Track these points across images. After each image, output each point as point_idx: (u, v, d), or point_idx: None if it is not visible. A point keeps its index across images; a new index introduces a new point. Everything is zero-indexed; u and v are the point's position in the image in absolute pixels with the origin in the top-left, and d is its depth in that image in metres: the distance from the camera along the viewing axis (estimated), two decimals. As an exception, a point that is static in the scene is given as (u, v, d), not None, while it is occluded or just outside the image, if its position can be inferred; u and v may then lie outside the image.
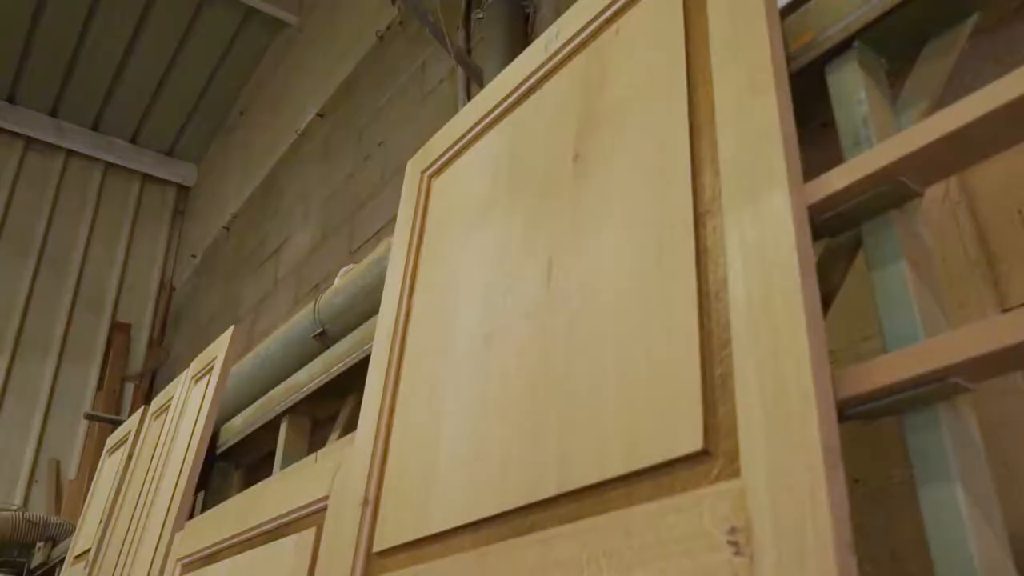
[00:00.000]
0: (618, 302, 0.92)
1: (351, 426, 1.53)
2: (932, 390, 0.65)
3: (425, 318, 1.30)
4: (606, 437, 0.84)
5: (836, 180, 0.75)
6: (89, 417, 4.27)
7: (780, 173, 0.77)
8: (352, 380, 1.75)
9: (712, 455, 0.73)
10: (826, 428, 0.63)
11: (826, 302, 0.84)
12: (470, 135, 1.43)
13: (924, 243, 0.77)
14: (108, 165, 6.48)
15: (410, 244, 1.44)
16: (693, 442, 0.74)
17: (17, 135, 6.14)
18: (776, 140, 0.79)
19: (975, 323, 0.61)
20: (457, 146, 1.46)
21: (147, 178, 6.64)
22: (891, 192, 0.74)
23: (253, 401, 2.37)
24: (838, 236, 0.83)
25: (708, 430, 0.74)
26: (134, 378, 5.76)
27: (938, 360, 0.62)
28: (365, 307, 2.07)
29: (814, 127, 1.15)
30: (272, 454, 2.09)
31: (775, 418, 0.67)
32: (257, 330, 4.22)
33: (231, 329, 2.27)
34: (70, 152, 6.32)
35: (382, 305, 1.42)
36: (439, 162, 1.50)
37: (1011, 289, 1.25)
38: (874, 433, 1.38)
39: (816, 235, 0.80)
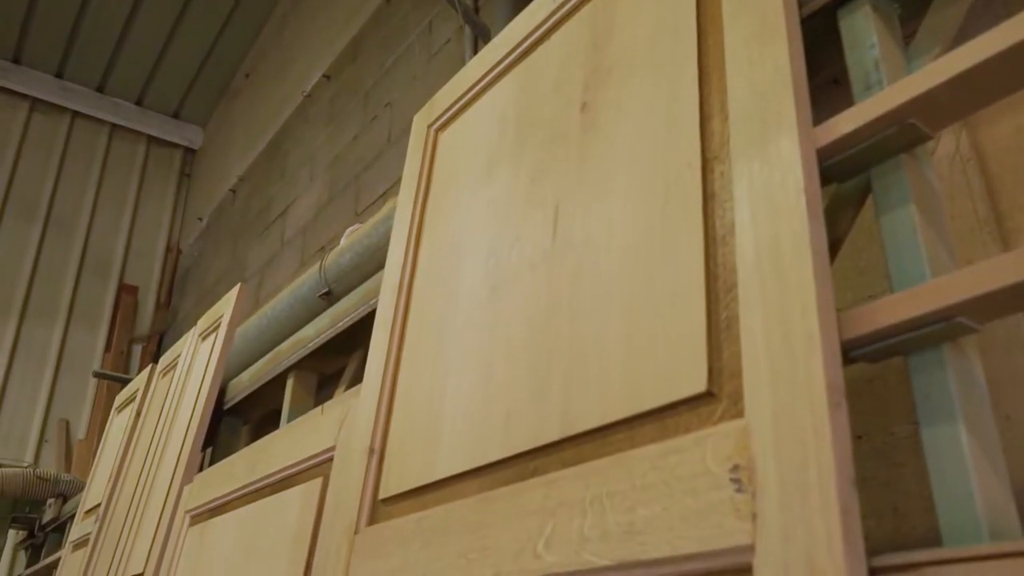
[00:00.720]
0: (624, 250, 0.92)
1: (357, 381, 1.53)
2: (937, 330, 0.64)
3: (431, 272, 1.30)
4: (610, 382, 0.84)
5: (846, 123, 0.75)
6: (98, 375, 4.31)
7: (790, 117, 0.76)
8: (358, 336, 1.76)
9: (716, 397, 0.73)
10: (830, 367, 0.63)
11: (833, 249, 0.84)
12: (477, 88, 1.42)
13: (933, 188, 0.77)
14: (114, 127, 6.46)
15: (416, 198, 1.44)
16: (697, 384, 0.74)
17: (22, 96, 6.11)
18: (786, 84, 0.78)
19: (981, 262, 0.60)
20: (464, 99, 1.45)
21: (153, 140, 6.62)
22: (901, 135, 0.73)
23: (259, 359, 2.38)
24: (847, 182, 0.83)
25: (712, 372, 0.74)
26: (141, 340, 5.80)
27: (943, 299, 0.62)
28: (371, 266, 2.07)
29: (825, 82, 1.14)
30: (279, 410, 2.11)
31: (780, 359, 0.67)
32: (263, 292, 4.23)
33: (238, 286, 2.28)
34: (76, 114, 6.30)
35: (388, 259, 1.42)
36: (445, 116, 1.49)
37: (1019, 246, 1.25)
38: (877, 390, 1.38)
39: (824, 180, 0.80)
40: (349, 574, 1.12)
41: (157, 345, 5.81)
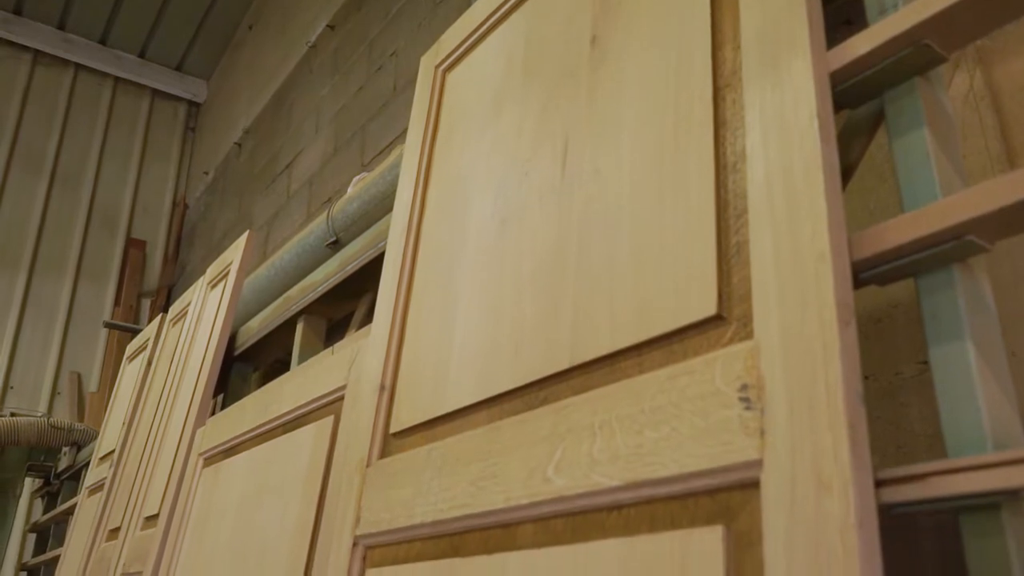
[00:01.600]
0: (634, 179, 0.92)
1: (366, 324, 1.55)
2: (948, 249, 0.65)
3: (440, 210, 1.30)
4: (619, 310, 0.85)
5: (859, 45, 0.74)
6: (108, 325, 4.34)
7: (803, 40, 0.76)
8: (367, 281, 1.77)
9: (725, 320, 0.74)
10: (841, 285, 0.64)
11: (845, 177, 0.83)
12: (485, 26, 1.41)
13: (947, 113, 0.76)
14: (117, 80, 6.41)
15: (424, 139, 1.43)
16: (707, 308, 0.75)
17: (25, 48, 6.06)
18: (800, 6, 0.77)
19: (992, 180, 0.60)
20: (471, 39, 1.44)
21: (157, 94, 6.58)
22: (915, 56, 0.73)
23: (268, 306, 2.40)
24: (860, 108, 0.82)
25: (722, 296, 0.75)
26: (150, 294, 5.83)
27: (954, 217, 0.62)
28: (379, 214, 2.07)
29: (837, 23, 1.12)
30: (289, 357, 2.13)
31: (790, 279, 0.67)
32: (271, 245, 4.24)
33: (246, 234, 2.28)
34: (79, 66, 6.25)
35: (396, 200, 1.42)
36: (453, 56, 1.48)
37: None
38: (884, 331, 1.39)
39: (838, 106, 0.79)
40: (362, 506, 1.14)
41: (166, 299, 5.85)
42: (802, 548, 0.58)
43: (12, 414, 3.75)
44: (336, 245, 2.27)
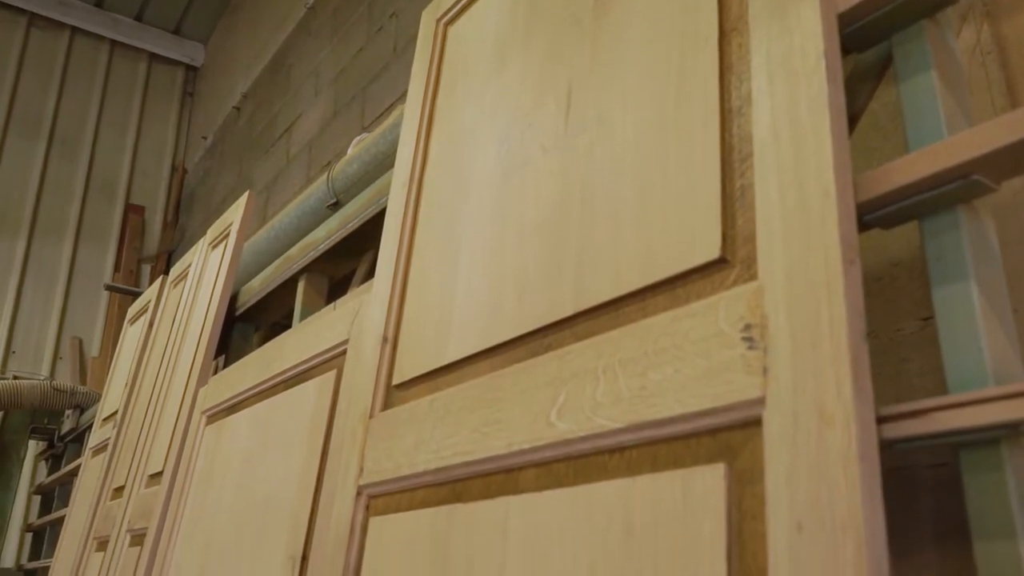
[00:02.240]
0: (638, 127, 0.91)
1: (368, 281, 1.55)
2: (953, 189, 0.64)
3: (441, 164, 1.30)
4: (623, 255, 0.85)
5: (868, -15, 0.73)
6: (109, 288, 4.35)
7: (811, -19, 0.75)
8: (368, 238, 1.77)
9: (729, 263, 0.74)
10: (845, 224, 0.64)
11: (850, 124, 0.83)
12: (487, -22, 1.39)
13: (955, 55, 0.75)
14: (114, 44, 6.34)
15: (425, 93, 1.42)
16: (710, 251, 0.75)
17: (21, 11, 5.99)
18: (808, -53, 0.76)
19: (998, 118, 0.60)
20: (473, -9, 1.42)
21: (154, 58, 6.51)
22: (924, -4, 0.72)
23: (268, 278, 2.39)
24: (866, 52, 0.81)
25: (726, 239, 0.75)
26: (150, 259, 5.82)
27: (959, 156, 0.61)
28: (379, 175, 2.06)
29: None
30: (290, 318, 2.13)
31: (795, 219, 0.67)
32: (271, 210, 4.23)
33: (247, 194, 2.27)
34: (75, 30, 6.18)
35: (398, 155, 1.42)
36: (454, 9, 1.46)
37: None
38: (886, 288, 1.39)
39: (845, 50, 0.79)
40: (365, 456, 1.15)
41: (165, 264, 5.84)
42: (804, 482, 0.59)
43: (14, 377, 3.77)
44: (336, 207, 2.26)
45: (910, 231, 1.39)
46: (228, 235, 2.29)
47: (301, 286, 1.91)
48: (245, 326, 2.28)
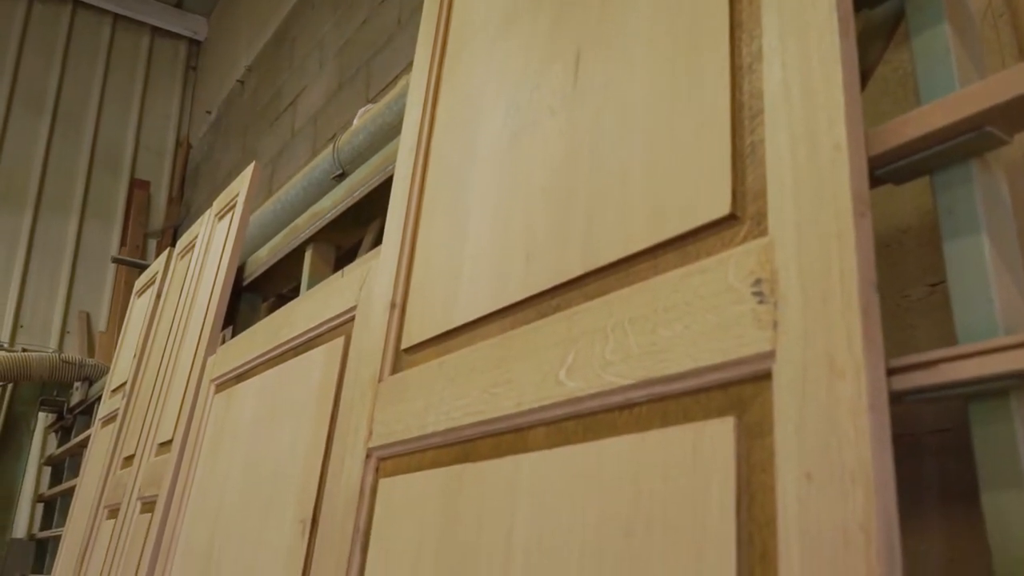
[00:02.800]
0: (647, 86, 0.91)
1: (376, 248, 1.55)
2: (965, 141, 0.64)
3: (449, 128, 1.29)
4: (632, 215, 0.85)
5: (882, -62, 0.72)
6: (116, 260, 4.37)
7: (823, -66, 0.74)
8: (375, 208, 1.77)
9: (739, 219, 0.74)
10: (857, 177, 0.63)
11: (862, 81, 0.82)
12: (494, -59, 1.37)
13: (967, 9, 0.75)
14: (117, 17, 6.31)
15: (432, 58, 1.41)
16: (720, 208, 0.75)
17: (22, -15, 5.96)
18: (821, -101, 0.75)
19: (1010, 69, 0.59)
20: (480, -46, 1.40)
21: (157, 31, 6.48)
22: (938, -52, 0.71)
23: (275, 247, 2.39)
24: (877, 8, 0.81)
25: (736, 196, 0.74)
26: (155, 235, 5.84)
27: (972, 107, 0.61)
28: (385, 145, 2.05)
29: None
30: (298, 288, 2.14)
31: (806, 173, 0.67)
32: (276, 183, 4.23)
33: (252, 164, 2.27)
34: (77, 3, 6.15)
35: (405, 120, 1.41)
36: (461, -27, 1.45)
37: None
38: (893, 255, 1.39)
39: (856, 6, 0.78)
40: (374, 419, 1.16)
41: (171, 239, 5.85)
42: (813, 433, 0.59)
43: (23, 349, 3.80)
44: (342, 178, 2.26)
45: (919, 196, 1.38)
46: (235, 205, 2.30)
47: (308, 256, 1.91)
48: (253, 296, 2.29)
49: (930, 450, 1.25)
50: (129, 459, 2.37)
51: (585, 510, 0.77)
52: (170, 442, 2.03)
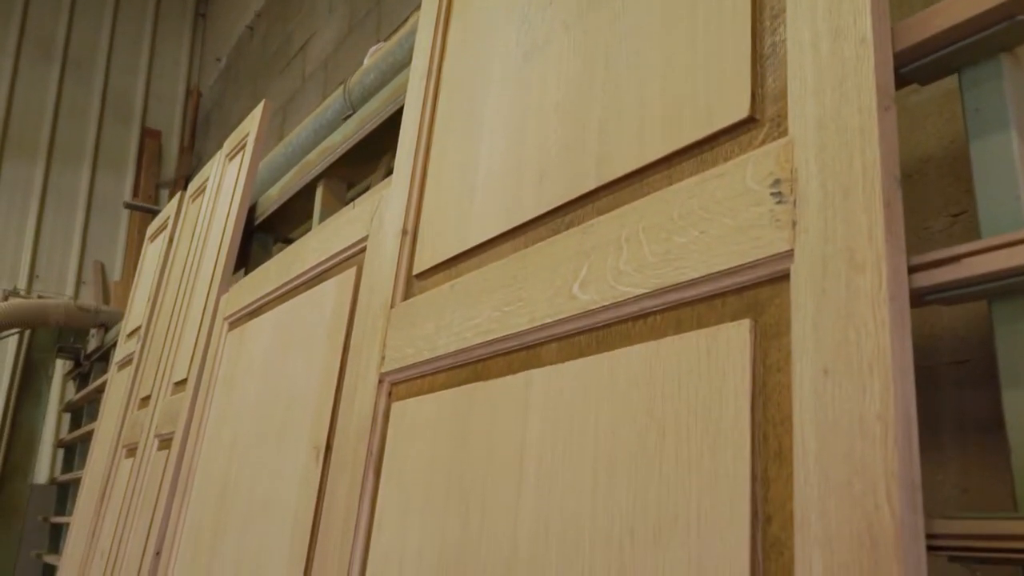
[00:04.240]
0: (665, -7, 0.88)
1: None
2: (996, 33, 0.62)
3: (460, 51, 1.27)
4: (648, 124, 0.83)
5: None
6: (129, 206, 4.37)
7: None
8: (386, 143, 1.74)
9: (759, 122, 0.72)
10: (882, 69, 0.61)
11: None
12: None
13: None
14: (124, -37, 6.23)
15: (443, -17, 1.38)
16: (739, 110, 0.73)
17: (28, -70, 5.88)
18: None
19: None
20: None
21: (165, -23, 6.40)
22: None
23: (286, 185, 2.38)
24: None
25: (755, 98, 0.72)
26: (167, 184, 5.83)
27: (1005, -7, 0.59)
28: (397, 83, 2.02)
29: None
30: (309, 228, 2.13)
31: (829, 71, 0.65)
32: (287, 131, 4.20)
33: (262, 103, 2.25)
34: (83, -52, 6.07)
35: (416, 45, 1.39)
36: None
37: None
38: (916, 187, 1.36)
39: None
40: (386, 345, 1.16)
41: (183, 188, 5.85)
42: (831, 327, 0.58)
43: (39, 297, 3.83)
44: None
45: (941, 127, 1.35)
46: (245, 145, 2.28)
47: (320, 192, 1.90)
48: (264, 236, 2.28)
49: (948, 381, 1.24)
50: (146, 399, 2.39)
51: (598, 420, 0.77)
52: (185, 381, 2.04)
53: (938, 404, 1.22)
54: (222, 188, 2.37)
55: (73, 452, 4.08)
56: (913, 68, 0.67)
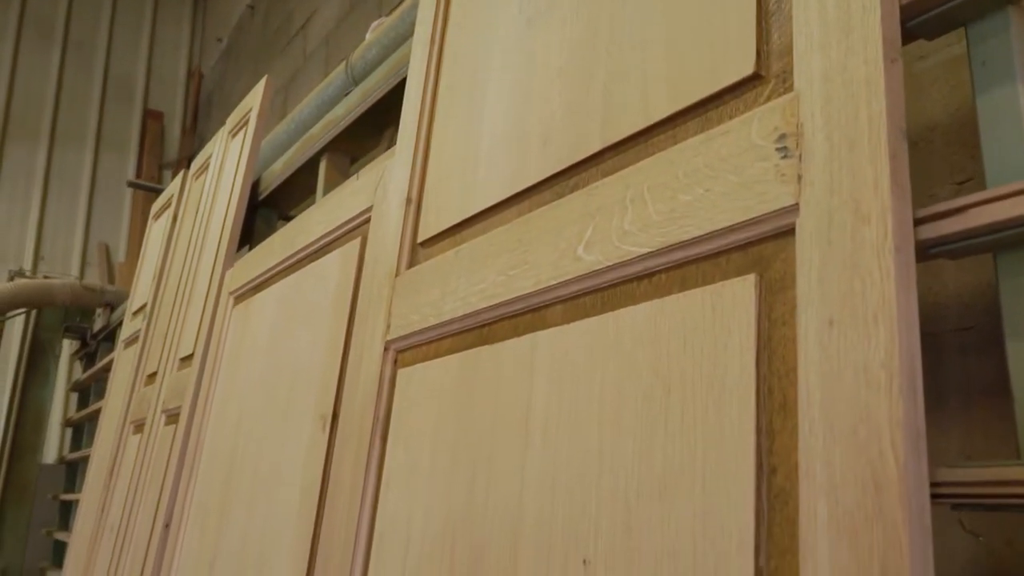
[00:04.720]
0: (669, -47, 0.87)
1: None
2: (1005, -18, 0.61)
3: (463, 18, 1.26)
4: (652, 85, 0.83)
5: None
6: (132, 185, 4.37)
7: None
8: (389, 116, 1.74)
9: (764, 79, 0.71)
10: (888, 22, 0.61)
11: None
12: None
13: None
14: (123, -57, 6.20)
15: (446, -49, 1.37)
16: (744, 67, 0.72)
17: (26, -92, 5.84)
18: None
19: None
20: None
21: (164, -43, 6.36)
22: None
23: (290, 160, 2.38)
24: None
25: (760, 55, 0.72)
26: (170, 165, 5.83)
27: (1015, -58, 0.58)
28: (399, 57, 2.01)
29: None
30: (313, 202, 2.13)
31: (835, 25, 0.65)
32: (289, 109, 4.19)
33: (264, 79, 2.24)
34: (83, -72, 6.04)
35: (418, 14, 1.38)
36: None
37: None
38: (922, 154, 1.35)
39: None
40: (391, 313, 1.16)
41: (186, 169, 5.85)
42: (836, 279, 0.58)
43: (45, 277, 3.84)
44: (356, 94, 2.22)
45: (947, 94, 1.35)
46: (248, 121, 2.28)
47: (323, 165, 1.90)
48: (268, 212, 2.28)
49: (952, 348, 1.24)
50: (152, 376, 2.41)
51: (603, 380, 0.77)
52: (191, 356, 2.05)
53: (943, 370, 1.22)
54: (225, 164, 2.37)
55: (81, 431, 4.10)
56: (920, 21, 0.67)
